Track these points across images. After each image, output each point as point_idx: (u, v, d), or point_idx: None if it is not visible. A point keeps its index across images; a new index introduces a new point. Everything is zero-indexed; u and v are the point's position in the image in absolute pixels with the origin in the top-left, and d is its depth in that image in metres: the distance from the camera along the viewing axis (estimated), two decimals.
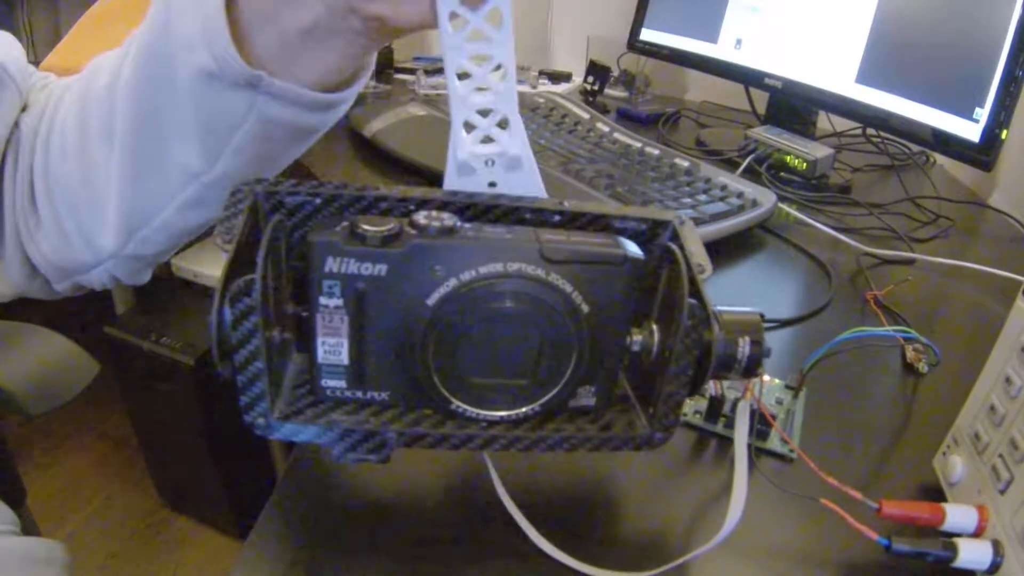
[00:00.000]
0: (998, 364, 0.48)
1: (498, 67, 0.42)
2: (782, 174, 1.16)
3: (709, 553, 0.44)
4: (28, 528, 1.21)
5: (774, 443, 0.55)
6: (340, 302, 0.37)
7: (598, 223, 0.44)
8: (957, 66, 1.00)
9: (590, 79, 1.55)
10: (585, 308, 0.39)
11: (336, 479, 0.48)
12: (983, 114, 0.95)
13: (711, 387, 0.55)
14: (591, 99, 1.54)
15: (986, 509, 0.45)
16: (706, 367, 0.39)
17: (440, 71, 1.57)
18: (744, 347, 0.41)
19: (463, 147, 0.43)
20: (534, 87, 1.61)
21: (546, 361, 0.39)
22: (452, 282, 0.37)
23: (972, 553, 0.43)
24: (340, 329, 0.38)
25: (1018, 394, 0.45)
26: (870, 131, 1.36)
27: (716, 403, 0.55)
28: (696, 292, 0.39)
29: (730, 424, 0.55)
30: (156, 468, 1.81)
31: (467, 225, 0.39)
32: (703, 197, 0.91)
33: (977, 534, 0.45)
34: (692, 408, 0.58)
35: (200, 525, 1.82)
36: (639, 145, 1.09)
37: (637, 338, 0.41)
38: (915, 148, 1.36)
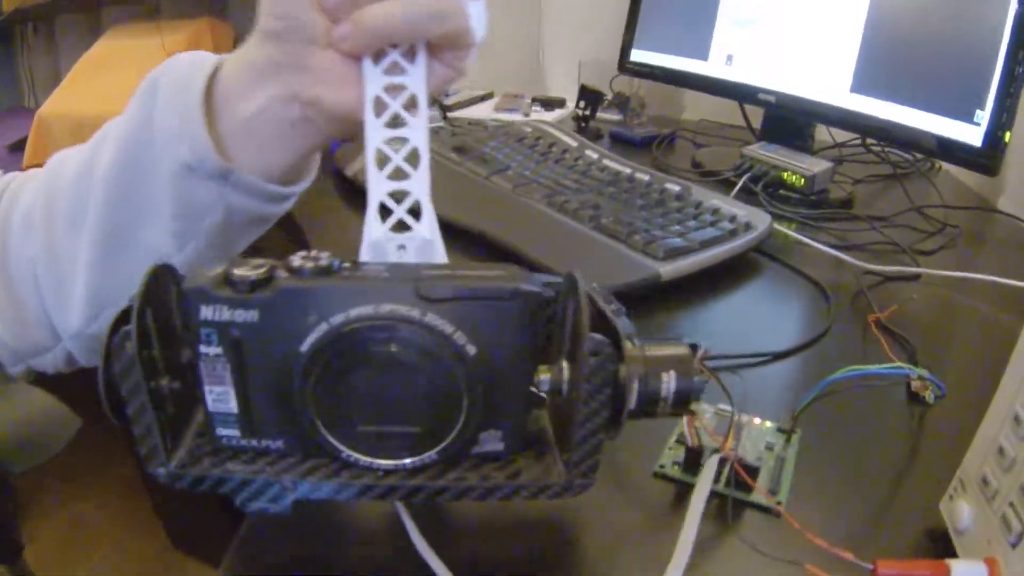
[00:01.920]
0: (1006, 400, 0.43)
1: (414, 152, 0.43)
2: (780, 192, 1.12)
3: None
4: None
5: (760, 495, 0.50)
6: (219, 350, 0.36)
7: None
8: (954, 68, 0.96)
9: (582, 104, 1.52)
10: (471, 350, 0.36)
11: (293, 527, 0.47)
12: (984, 117, 0.91)
13: (687, 437, 0.51)
14: (583, 125, 1.51)
15: (997, 564, 0.40)
16: (622, 406, 0.38)
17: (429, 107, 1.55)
18: (669, 383, 0.39)
19: (376, 230, 0.43)
20: (527, 115, 1.58)
21: (436, 407, 0.37)
22: (323, 327, 0.36)
23: None
24: (224, 377, 0.37)
25: None
26: (870, 141, 1.31)
27: (693, 455, 0.50)
28: (606, 327, 0.37)
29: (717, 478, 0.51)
30: (164, 510, 1.79)
31: (347, 265, 0.38)
32: (692, 223, 0.86)
33: None
34: (671, 460, 0.53)
35: (211, 568, 1.76)
36: (629, 171, 1.05)
37: (545, 377, 0.39)
38: (919, 155, 1.31)
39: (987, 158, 0.91)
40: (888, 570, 0.41)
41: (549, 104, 1.66)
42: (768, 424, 0.57)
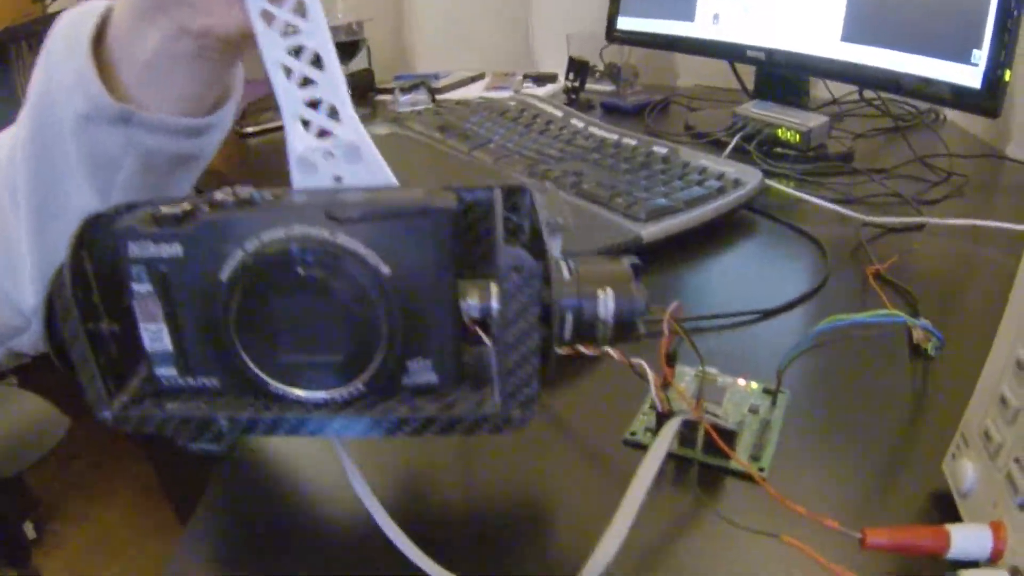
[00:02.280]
0: (1006, 344, 0.39)
1: (316, 56, 0.41)
2: (776, 149, 1.07)
3: None
4: None
5: (738, 462, 0.46)
6: (149, 287, 0.36)
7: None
8: (946, 8, 0.91)
9: (570, 76, 1.48)
10: (386, 270, 0.35)
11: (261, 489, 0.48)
12: (982, 56, 0.86)
13: (656, 402, 0.46)
14: (573, 96, 1.47)
15: (1003, 528, 0.36)
16: (553, 327, 0.36)
17: (416, 87, 1.52)
18: (606, 303, 0.37)
19: (299, 142, 0.42)
20: (517, 92, 1.54)
21: (355, 332, 0.36)
22: (238, 253, 0.35)
23: None
24: (156, 314, 0.37)
25: None
26: (869, 94, 1.26)
27: (663, 420, 0.46)
28: (536, 245, 0.36)
29: (687, 443, 0.47)
30: (185, 512, 1.75)
31: (269, 196, 0.37)
32: (678, 184, 0.82)
33: (994, 559, 0.36)
34: (643, 427, 0.50)
35: None
36: (615, 137, 1.01)
37: (472, 302, 0.37)
38: (922, 107, 1.26)
39: (987, 99, 0.86)
40: (879, 539, 0.36)
41: (540, 80, 1.62)
42: (754, 385, 0.53)
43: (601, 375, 0.57)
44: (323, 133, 0.42)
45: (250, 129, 1.33)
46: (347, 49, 1.49)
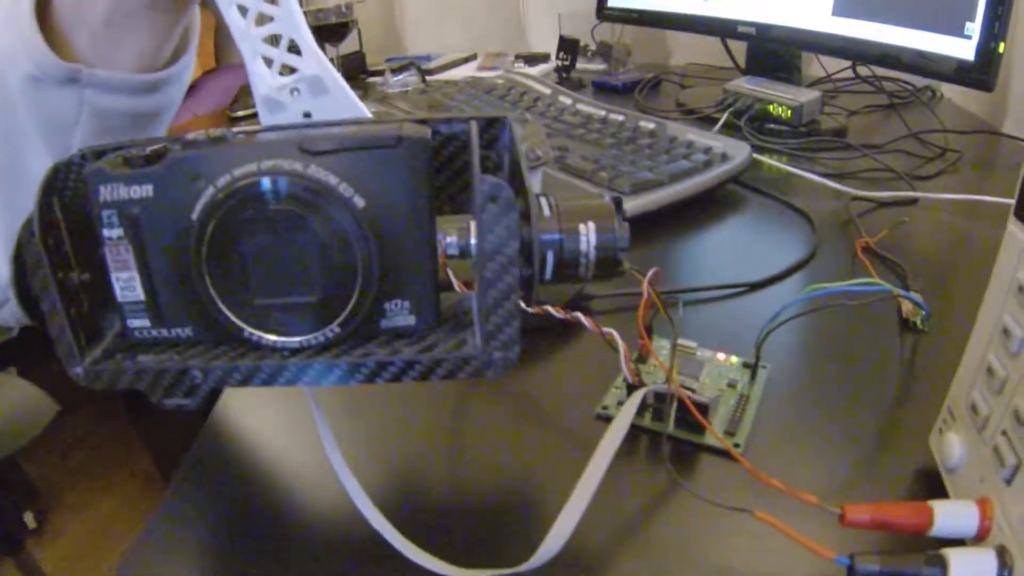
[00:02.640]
0: (993, 312, 0.37)
1: None
2: (768, 125, 1.05)
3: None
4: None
5: (712, 437, 0.44)
6: (120, 232, 0.35)
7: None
8: None
9: (561, 55, 1.46)
10: (359, 202, 0.34)
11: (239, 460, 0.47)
12: (975, 28, 0.84)
13: (626, 373, 0.44)
14: (564, 75, 1.45)
15: (990, 504, 0.34)
16: (534, 263, 0.35)
17: (405, 68, 1.50)
18: (588, 236, 0.35)
19: (262, 82, 0.40)
20: (509, 72, 1.53)
21: (330, 271, 0.34)
22: (210, 190, 0.34)
23: (968, 568, 0.32)
24: (128, 261, 0.36)
25: (1020, 350, 0.34)
26: (864, 71, 1.23)
27: (633, 392, 0.44)
28: (515, 178, 0.35)
29: (658, 416, 0.45)
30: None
31: (241, 135, 0.36)
32: (663, 158, 0.80)
33: (980, 537, 0.34)
34: (615, 401, 0.48)
35: None
36: (602, 114, 0.99)
37: (452, 239, 0.36)
38: (919, 83, 1.25)
39: (981, 72, 0.84)
40: (859, 515, 0.35)
41: (532, 60, 1.61)
42: (734, 360, 0.51)
43: (576, 350, 0.55)
44: (284, 70, 0.41)
45: (241, 112, 1.32)
46: (338, 31, 1.47)
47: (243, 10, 0.40)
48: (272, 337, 0.36)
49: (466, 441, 0.48)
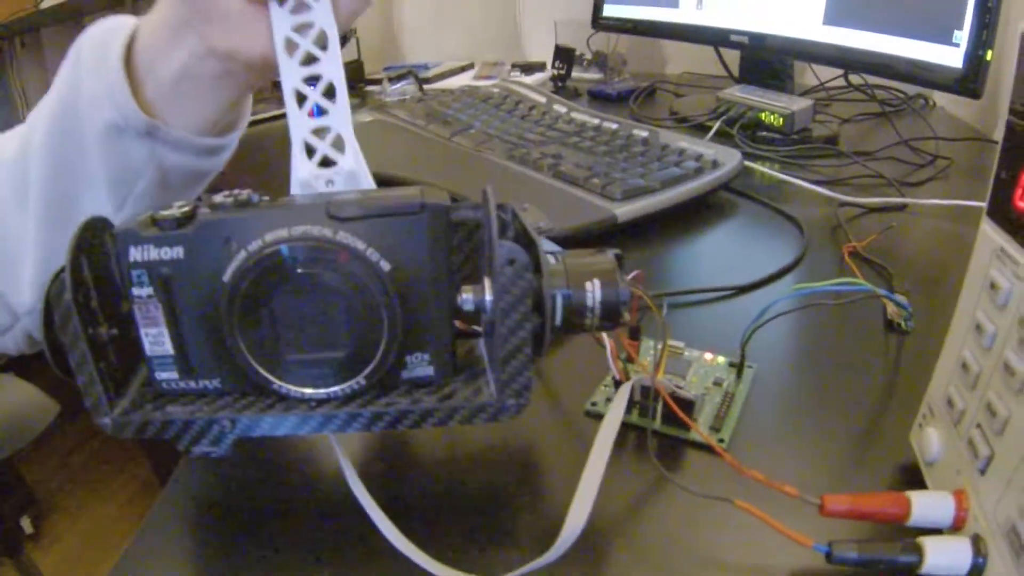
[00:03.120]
0: (968, 309, 0.38)
1: (330, 87, 0.43)
2: (760, 133, 1.06)
3: (614, 569, 0.37)
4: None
5: (696, 433, 0.45)
6: (151, 290, 0.37)
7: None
8: None
9: (557, 64, 1.48)
10: (386, 266, 0.36)
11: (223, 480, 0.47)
12: (963, 37, 0.85)
13: (613, 370, 0.46)
14: (560, 84, 1.47)
15: (965, 495, 0.35)
16: (546, 319, 0.37)
17: (403, 77, 1.51)
18: (594, 292, 0.39)
19: (303, 168, 0.43)
20: (504, 81, 1.54)
21: (357, 328, 0.37)
22: (242, 254, 0.36)
23: (943, 556, 0.33)
24: (157, 318, 0.38)
25: (991, 344, 0.35)
26: (856, 80, 1.25)
27: (621, 386, 0.45)
28: (526, 241, 0.38)
29: (645, 413, 0.46)
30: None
31: (266, 198, 0.38)
32: (655, 165, 0.81)
33: (956, 527, 0.35)
34: (604, 398, 0.49)
35: None
36: (596, 122, 1.00)
37: (467, 296, 0.38)
38: (911, 92, 1.26)
39: (970, 80, 0.85)
40: (838, 505, 0.36)
41: (529, 69, 1.61)
42: (721, 360, 0.52)
43: (569, 350, 0.56)
44: (325, 162, 0.43)
45: None
46: None
47: (301, 99, 0.43)
48: (301, 390, 0.38)
49: (458, 438, 0.49)
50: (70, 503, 2.00)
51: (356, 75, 1.61)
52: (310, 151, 0.43)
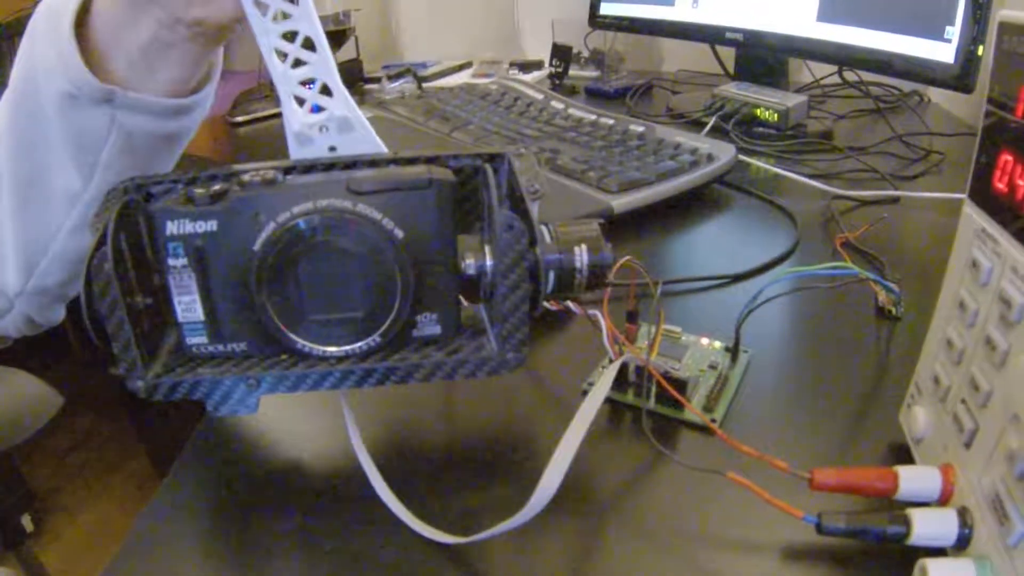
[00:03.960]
0: (952, 288, 0.39)
1: (307, 39, 0.45)
2: (756, 128, 1.08)
3: (612, 540, 0.39)
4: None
5: (691, 412, 0.47)
6: (185, 261, 0.40)
7: (432, 163, 0.45)
8: None
9: (555, 62, 1.49)
10: (399, 233, 0.40)
11: (241, 446, 0.50)
12: (955, 32, 0.86)
13: (609, 352, 0.48)
14: (557, 82, 1.48)
15: (952, 469, 0.36)
16: (540, 280, 0.41)
17: (402, 75, 1.52)
18: (582, 256, 0.42)
19: (295, 119, 0.45)
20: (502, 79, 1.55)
21: (374, 291, 0.40)
22: (271, 226, 0.39)
23: (930, 526, 0.34)
24: (190, 286, 0.41)
25: (974, 321, 0.36)
26: (851, 76, 1.26)
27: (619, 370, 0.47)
28: (521, 209, 0.41)
29: (640, 392, 0.48)
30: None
31: (290, 177, 0.42)
32: (651, 159, 0.83)
33: (943, 500, 0.36)
34: (600, 377, 0.50)
35: None
36: (593, 118, 1.02)
37: (470, 261, 0.42)
38: (906, 88, 1.27)
39: (961, 75, 0.86)
40: (827, 479, 0.37)
41: (526, 67, 1.63)
42: (717, 344, 0.54)
43: (567, 335, 0.58)
44: (316, 109, 0.46)
45: (239, 118, 1.33)
46: (335, 38, 1.49)
47: (282, 55, 0.45)
48: (323, 348, 0.41)
49: (460, 413, 0.51)
50: (69, 501, 2.00)
51: (355, 74, 1.62)
52: (300, 103, 0.45)
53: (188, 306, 0.41)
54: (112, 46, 0.51)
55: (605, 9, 1.41)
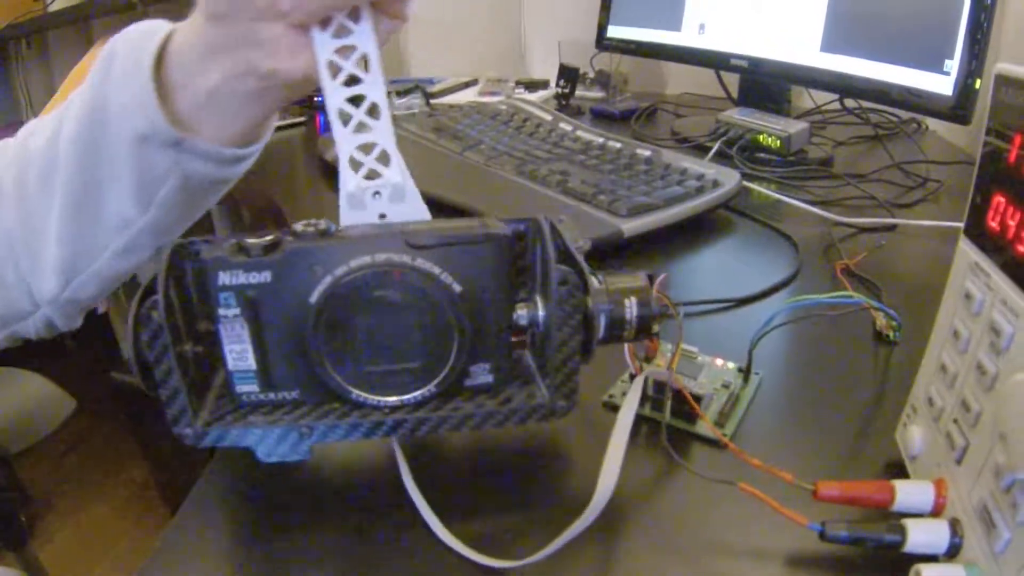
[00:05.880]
0: (947, 318, 0.42)
1: (373, 106, 0.46)
2: (758, 154, 1.11)
3: (628, 548, 0.42)
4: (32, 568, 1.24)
5: (704, 427, 0.50)
6: (237, 311, 0.40)
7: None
8: (920, 19, 0.95)
9: (561, 82, 1.52)
10: (457, 288, 0.40)
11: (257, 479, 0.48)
12: (953, 65, 0.90)
13: (629, 365, 0.51)
14: (564, 102, 1.50)
15: (944, 483, 0.39)
16: (591, 330, 0.41)
17: (410, 91, 1.55)
18: (631, 308, 0.44)
19: (350, 182, 0.46)
20: (510, 97, 1.57)
21: (430, 342, 0.41)
22: (328, 279, 0.40)
23: (924, 535, 0.37)
24: (242, 336, 0.41)
25: (966, 348, 0.39)
26: (851, 104, 1.29)
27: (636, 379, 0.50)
28: (572, 262, 0.41)
29: (657, 407, 0.51)
30: (178, 509, 1.76)
31: (341, 229, 0.42)
32: (659, 183, 0.86)
33: (936, 512, 0.39)
34: (621, 391, 0.53)
35: None
36: (601, 140, 1.05)
37: (522, 312, 0.43)
38: (904, 116, 1.30)
39: (959, 107, 0.90)
40: (830, 491, 0.40)
41: (532, 86, 1.65)
42: (730, 365, 0.57)
43: None
44: (370, 174, 0.47)
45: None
46: None
47: (346, 118, 0.46)
48: (378, 398, 0.42)
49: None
50: (64, 503, 2.02)
51: None
52: (356, 166, 0.46)
53: (239, 355, 0.41)
54: (180, 86, 0.53)
55: (612, 32, 1.45)
